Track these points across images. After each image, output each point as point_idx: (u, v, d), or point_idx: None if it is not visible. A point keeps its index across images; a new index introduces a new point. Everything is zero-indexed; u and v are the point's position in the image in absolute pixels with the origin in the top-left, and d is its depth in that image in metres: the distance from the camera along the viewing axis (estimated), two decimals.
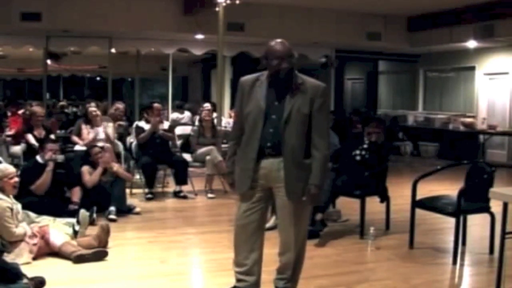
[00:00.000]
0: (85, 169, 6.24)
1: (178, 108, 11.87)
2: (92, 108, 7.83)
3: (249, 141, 3.39)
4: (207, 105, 8.25)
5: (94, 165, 6.31)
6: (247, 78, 3.50)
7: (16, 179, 4.68)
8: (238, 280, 3.54)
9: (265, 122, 3.35)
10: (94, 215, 5.55)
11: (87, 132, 7.50)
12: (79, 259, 4.36)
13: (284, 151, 3.33)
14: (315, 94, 3.34)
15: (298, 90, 3.34)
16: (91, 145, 6.88)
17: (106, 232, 4.77)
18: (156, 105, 7.82)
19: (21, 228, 4.49)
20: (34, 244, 4.41)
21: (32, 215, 4.87)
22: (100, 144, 7.12)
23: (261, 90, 3.40)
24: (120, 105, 8.86)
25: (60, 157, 5.81)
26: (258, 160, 3.38)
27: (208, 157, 7.40)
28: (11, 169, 4.72)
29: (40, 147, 6.11)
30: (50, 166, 5.67)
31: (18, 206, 4.60)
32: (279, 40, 3.40)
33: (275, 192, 3.42)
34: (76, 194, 5.86)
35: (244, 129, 3.44)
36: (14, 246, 4.36)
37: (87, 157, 6.48)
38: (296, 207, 3.38)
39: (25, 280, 3.57)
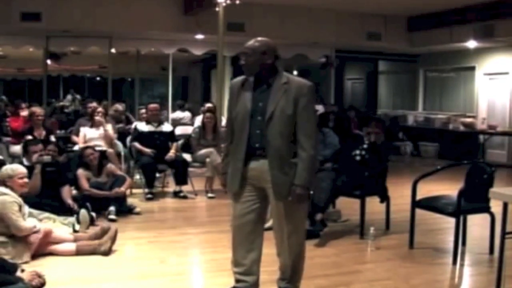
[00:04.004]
0: (81, 173, 6.19)
1: (180, 108, 11.87)
2: (100, 109, 7.82)
3: (238, 142, 3.40)
4: (209, 105, 8.23)
5: (88, 166, 6.30)
6: (236, 80, 3.53)
7: (26, 179, 4.69)
8: (237, 281, 3.53)
9: (252, 123, 3.35)
10: (93, 214, 5.56)
11: (84, 135, 7.46)
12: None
13: (269, 151, 3.31)
14: (299, 93, 3.31)
15: (281, 90, 3.32)
16: (85, 146, 6.83)
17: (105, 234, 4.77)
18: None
19: (30, 222, 4.49)
20: (31, 243, 4.41)
21: (35, 212, 4.89)
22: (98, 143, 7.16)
23: (248, 91, 3.40)
24: (119, 106, 8.86)
25: (47, 158, 5.77)
26: (248, 161, 3.38)
27: (208, 159, 7.40)
28: (21, 169, 4.72)
29: (24, 150, 6.05)
30: (37, 169, 5.61)
31: (25, 207, 4.60)
32: (259, 38, 3.44)
33: (268, 193, 3.41)
34: (67, 193, 5.79)
35: (234, 130, 3.45)
36: (19, 242, 4.34)
37: (81, 158, 6.44)
38: (288, 208, 3.35)
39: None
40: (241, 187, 3.42)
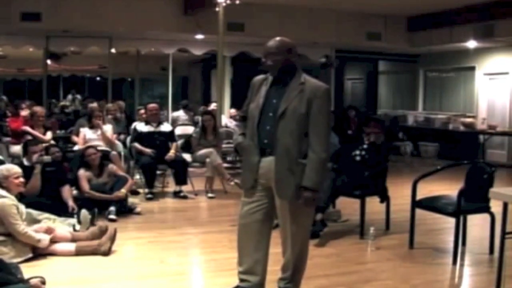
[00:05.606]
0: (82, 174, 6.18)
1: (184, 108, 11.86)
2: (98, 112, 7.78)
3: (251, 138, 3.43)
4: (214, 105, 8.24)
5: (89, 166, 6.30)
6: (258, 77, 3.56)
7: (22, 179, 4.69)
8: (241, 280, 3.53)
9: (263, 119, 3.37)
10: (95, 209, 5.57)
11: (84, 135, 7.44)
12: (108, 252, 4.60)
13: (276, 149, 3.32)
14: (314, 94, 3.31)
15: (296, 90, 3.33)
16: (87, 146, 6.82)
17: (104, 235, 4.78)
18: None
19: (39, 235, 4.45)
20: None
21: (34, 212, 4.88)
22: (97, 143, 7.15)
23: (265, 88, 3.44)
24: (110, 105, 8.89)
25: (47, 158, 5.78)
26: (260, 159, 3.39)
27: (208, 160, 7.40)
28: (16, 169, 4.73)
29: (24, 151, 6.05)
30: (37, 169, 5.61)
31: (22, 207, 4.61)
32: (278, 37, 3.44)
33: (274, 192, 3.40)
34: (67, 193, 5.79)
35: (248, 125, 3.49)
36: (18, 240, 4.33)
37: (83, 158, 6.44)
38: (293, 207, 3.35)
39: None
40: (253, 186, 3.43)
